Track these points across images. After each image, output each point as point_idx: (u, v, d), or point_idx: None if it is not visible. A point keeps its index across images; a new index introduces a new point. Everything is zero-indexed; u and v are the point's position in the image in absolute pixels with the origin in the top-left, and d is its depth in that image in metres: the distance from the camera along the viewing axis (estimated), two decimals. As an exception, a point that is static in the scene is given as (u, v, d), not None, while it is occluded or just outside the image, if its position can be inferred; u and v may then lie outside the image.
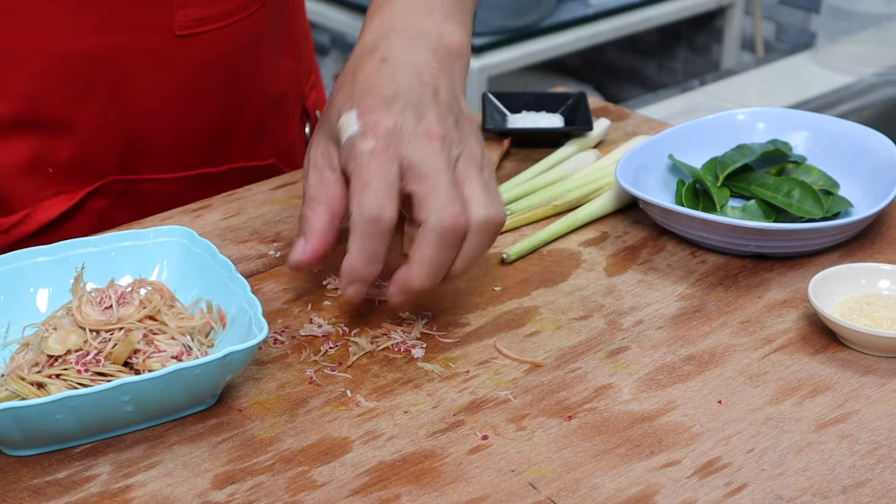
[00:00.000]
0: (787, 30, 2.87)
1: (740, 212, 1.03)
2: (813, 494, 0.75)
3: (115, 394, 0.76)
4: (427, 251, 0.84)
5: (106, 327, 0.82)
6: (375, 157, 0.84)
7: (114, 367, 0.80)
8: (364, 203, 0.83)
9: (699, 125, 1.13)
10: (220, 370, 0.79)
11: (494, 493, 0.75)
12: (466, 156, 0.86)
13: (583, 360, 0.88)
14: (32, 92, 1.04)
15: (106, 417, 0.78)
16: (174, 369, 0.77)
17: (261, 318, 0.81)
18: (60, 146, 1.07)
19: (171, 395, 0.79)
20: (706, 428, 0.81)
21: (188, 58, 1.09)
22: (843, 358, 0.88)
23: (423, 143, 0.84)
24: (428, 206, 0.84)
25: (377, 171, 0.83)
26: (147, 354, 0.82)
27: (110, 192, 1.12)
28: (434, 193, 0.84)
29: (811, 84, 2.35)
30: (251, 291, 0.84)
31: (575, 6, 2.69)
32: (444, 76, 0.89)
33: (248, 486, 0.76)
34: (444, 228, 0.83)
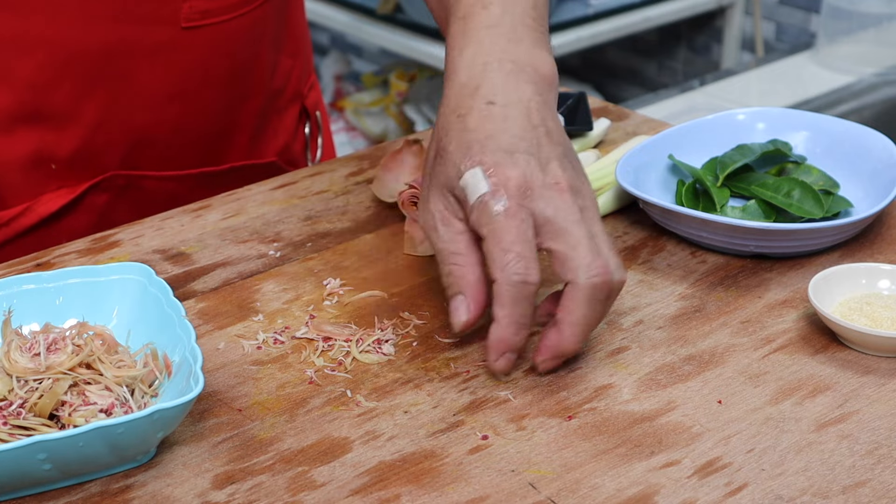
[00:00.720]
0: (787, 30, 2.87)
1: (740, 212, 1.03)
2: (813, 494, 0.75)
3: (31, 451, 0.70)
4: (580, 311, 0.83)
5: (34, 375, 0.77)
6: (512, 218, 0.81)
7: (37, 421, 0.75)
8: (509, 268, 0.81)
9: (699, 125, 1.13)
10: (149, 428, 0.74)
11: (494, 493, 0.75)
12: (590, 205, 0.85)
13: (583, 360, 0.88)
14: (38, 83, 1.04)
15: (22, 475, 0.73)
16: (95, 427, 0.71)
17: (199, 372, 0.76)
18: (64, 140, 1.07)
19: (94, 453, 0.73)
20: (706, 428, 0.81)
21: (193, 52, 1.09)
22: (843, 358, 0.88)
23: (554, 197, 0.83)
24: (573, 264, 0.82)
25: (516, 233, 0.81)
26: (74, 407, 0.76)
27: (111, 187, 1.12)
28: (576, 250, 0.82)
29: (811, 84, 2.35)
30: (195, 340, 0.80)
31: (575, 6, 2.69)
32: (548, 112, 0.87)
33: (248, 486, 0.76)
34: (595, 286, 0.82)
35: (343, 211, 1.08)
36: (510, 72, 0.87)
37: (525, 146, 0.84)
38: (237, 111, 1.16)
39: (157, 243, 1.03)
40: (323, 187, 1.13)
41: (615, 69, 3.23)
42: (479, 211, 0.82)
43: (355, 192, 1.12)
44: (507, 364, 0.84)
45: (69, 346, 0.79)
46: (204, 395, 0.84)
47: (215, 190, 1.15)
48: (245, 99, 1.16)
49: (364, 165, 1.17)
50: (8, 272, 0.99)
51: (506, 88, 0.86)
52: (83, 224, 1.11)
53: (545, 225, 0.82)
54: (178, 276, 0.99)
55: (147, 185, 1.14)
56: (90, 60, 1.04)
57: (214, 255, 1.01)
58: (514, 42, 0.89)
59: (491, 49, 0.88)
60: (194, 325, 0.92)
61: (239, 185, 1.14)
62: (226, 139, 1.17)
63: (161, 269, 0.99)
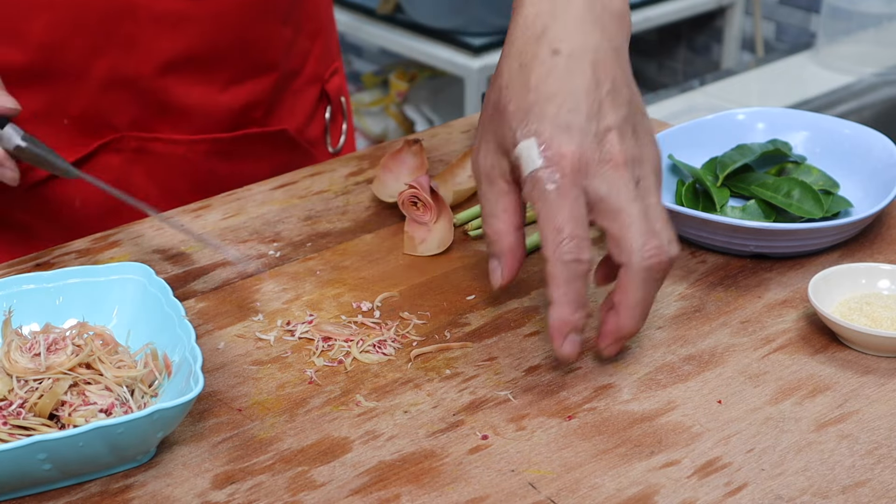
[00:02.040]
0: (787, 30, 2.87)
1: (740, 212, 1.03)
2: (813, 494, 0.75)
3: (31, 451, 0.70)
4: (636, 293, 0.82)
5: (34, 376, 0.77)
6: (564, 196, 0.81)
7: (37, 421, 0.75)
8: (562, 248, 0.80)
9: (699, 125, 1.13)
10: (148, 428, 0.74)
11: (494, 493, 0.75)
12: (648, 173, 0.83)
13: (583, 360, 0.88)
14: (49, 42, 1.06)
15: (22, 475, 0.72)
16: (95, 427, 0.71)
17: (198, 372, 0.76)
18: (74, 98, 1.10)
19: (94, 453, 0.73)
20: (706, 428, 0.81)
21: (203, 22, 1.11)
22: (842, 358, 0.88)
23: (609, 173, 0.81)
24: (627, 245, 0.81)
25: (569, 212, 0.81)
26: (74, 407, 0.76)
27: (124, 148, 1.14)
28: (630, 230, 0.81)
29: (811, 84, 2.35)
30: (195, 340, 0.80)
31: (575, 6, 2.68)
32: (614, 62, 0.84)
33: (248, 486, 0.76)
34: (650, 268, 0.81)
35: (343, 211, 1.08)
36: (579, 10, 0.84)
37: (584, 117, 0.82)
38: (248, 85, 1.17)
39: (157, 243, 1.03)
40: (323, 187, 1.13)
41: (615, 69, 3.22)
42: (531, 185, 0.82)
43: (355, 192, 1.12)
44: (573, 348, 0.83)
45: (69, 347, 0.79)
46: (204, 395, 0.84)
47: (227, 159, 1.17)
48: (256, 74, 1.17)
49: (364, 165, 1.17)
50: (8, 272, 0.99)
51: (573, 33, 0.84)
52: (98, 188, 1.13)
53: (599, 203, 0.82)
54: (178, 276, 0.99)
55: (158, 149, 1.15)
56: (97, 22, 1.07)
57: (214, 255, 1.01)
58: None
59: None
60: (194, 325, 0.92)
61: (252, 155, 1.16)
62: (237, 112, 1.18)
63: (161, 269, 0.99)
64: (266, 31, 1.16)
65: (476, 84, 2.49)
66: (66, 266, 0.99)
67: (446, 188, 1.08)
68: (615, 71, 0.84)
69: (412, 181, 1.02)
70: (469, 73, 2.51)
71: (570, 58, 0.83)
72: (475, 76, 2.50)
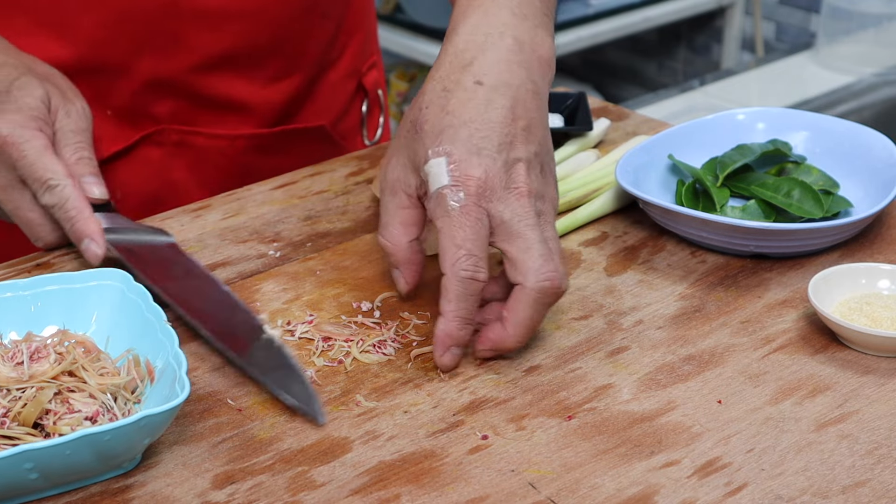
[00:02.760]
0: (787, 30, 2.87)
1: (740, 212, 1.03)
2: (813, 494, 0.75)
3: (17, 461, 0.70)
4: (525, 312, 0.84)
5: (17, 385, 0.76)
6: (468, 215, 0.83)
7: (21, 430, 0.74)
8: (460, 265, 0.83)
9: (699, 125, 1.13)
10: (135, 434, 0.73)
11: (494, 493, 0.75)
12: (548, 210, 0.86)
13: (583, 360, 0.88)
14: (96, 38, 1.09)
15: (9, 485, 0.72)
16: (81, 434, 0.70)
17: (184, 378, 0.76)
18: (117, 90, 1.12)
19: (80, 461, 0.72)
20: (706, 428, 0.81)
21: (245, 19, 1.12)
22: (842, 358, 0.88)
23: (512, 200, 0.84)
24: (524, 267, 0.84)
25: (470, 230, 0.83)
26: (59, 416, 0.75)
27: (165, 141, 1.16)
28: (528, 254, 0.84)
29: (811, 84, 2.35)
30: (178, 346, 0.79)
31: (575, 6, 2.69)
32: (534, 101, 0.87)
33: (248, 486, 0.76)
34: (544, 290, 0.84)
35: (343, 211, 1.08)
36: (508, 49, 0.88)
37: (495, 145, 0.85)
38: (288, 80, 1.19)
39: (157, 243, 1.03)
40: (323, 187, 1.13)
41: (615, 69, 3.23)
42: (436, 202, 0.84)
43: (355, 192, 1.12)
44: (453, 360, 0.86)
45: (52, 355, 0.78)
46: (204, 394, 0.84)
47: (265, 154, 1.19)
48: (296, 69, 1.19)
49: (364, 165, 1.17)
50: (8, 272, 0.99)
51: (498, 69, 0.87)
52: (140, 177, 1.16)
53: (500, 226, 0.84)
54: (178, 276, 0.99)
55: (199, 143, 1.17)
56: (142, 20, 1.09)
57: (214, 255, 1.01)
58: (518, 17, 0.90)
59: (494, 20, 0.89)
60: (194, 325, 0.92)
61: (289, 150, 1.18)
62: (278, 108, 1.20)
63: (161, 269, 0.99)
64: (306, 26, 1.18)
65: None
66: (66, 266, 0.99)
67: (446, 188, 1.08)
68: (533, 111, 0.87)
69: (412, 181, 1.02)
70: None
71: (492, 90, 0.86)
72: (475, 76, 2.49)
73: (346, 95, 1.26)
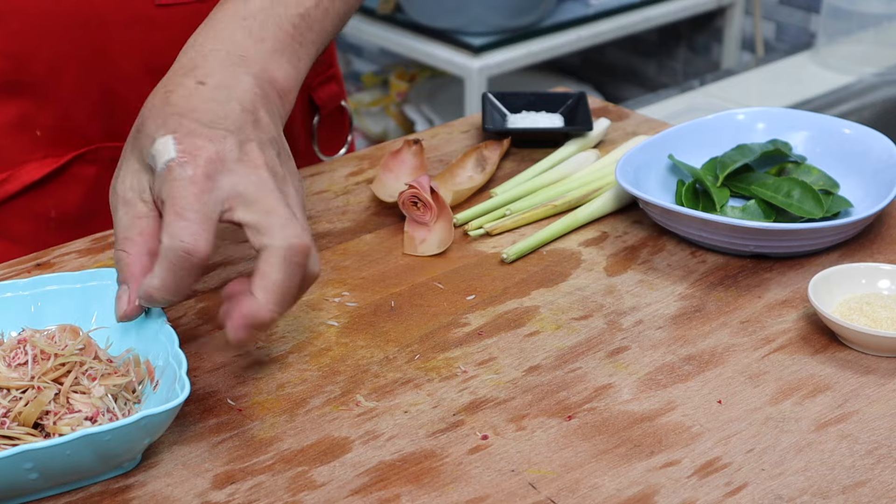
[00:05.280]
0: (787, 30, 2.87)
1: (740, 212, 1.03)
2: (813, 494, 0.75)
3: (17, 461, 0.70)
4: (276, 275, 0.78)
5: (17, 384, 0.76)
6: (194, 184, 0.78)
7: (21, 430, 0.74)
8: (177, 234, 0.77)
9: (699, 125, 1.13)
10: (136, 434, 0.73)
11: (494, 493, 0.75)
12: (290, 190, 0.81)
13: (583, 360, 0.88)
14: (15, 51, 1.05)
15: (8, 484, 0.72)
16: (81, 435, 0.70)
17: (184, 377, 0.76)
18: (45, 109, 1.08)
19: (80, 461, 0.72)
20: (706, 428, 0.81)
21: (170, 29, 1.09)
22: (842, 358, 0.88)
23: (247, 171, 0.79)
24: (268, 228, 0.78)
25: (194, 199, 0.77)
26: (59, 416, 0.75)
27: (99, 159, 1.12)
28: (271, 216, 0.78)
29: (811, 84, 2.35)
30: (178, 346, 0.79)
31: (575, 6, 2.69)
32: (265, 105, 0.84)
33: (248, 486, 0.76)
34: (292, 247, 0.78)
35: (343, 211, 1.08)
36: (234, 62, 0.85)
37: (226, 124, 0.80)
38: None
39: (157, 243, 1.03)
40: (323, 187, 1.13)
41: (615, 69, 3.23)
42: (162, 177, 0.79)
43: (355, 192, 1.12)
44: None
45: (52, 357, 0.78)
46: (204, 394, 0.84)
47: None
48: None
49: (364, 165, 1.17)
50: (8, 272, 0.99)
51: (221, 73, 0.83)
52: (74, 196, 1.12)
53: (237, 198, 0.79)
54: (178, 276, 0.98)
55: None
56: (64, 31, 1.05)
57: (214, 255, 1.01)
58: (255, 40, 0.87)
59: (225, 39, 0.86)
60: (194, 325, 0.92)
61: None
62: None
63: (161, 269, 0.99)
64: None
65: (476, 84, 2.49)
66: (67, 265, 0.99)
67: (446, 188, 1.08)
68: (263, 111, 0.83)
69: (412, 181, 1.02)
70: (469, 73, 2.51)
71: (215, 88, 0.83)
72: (475, 76, 2.50)
73: (294, 111, 1.21)
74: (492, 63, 2.52)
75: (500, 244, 1.02)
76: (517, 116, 1.22)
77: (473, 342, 0.90)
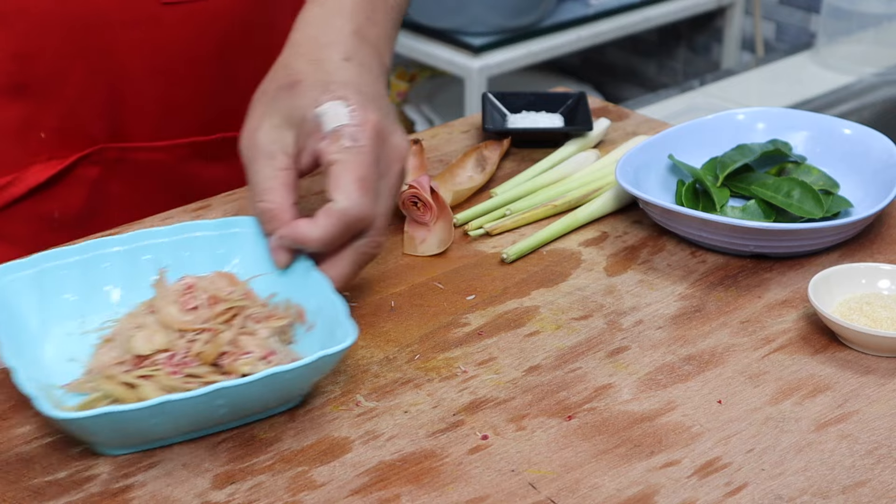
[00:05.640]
0: (787, 30, 2.87)
1: (740, 212, 1.03)
2: (813, 494, 0.75)
3: (211, 398, 0.76)
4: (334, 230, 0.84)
5: (192, 327, 0.81)
6: (367, 155, 0.85)
7: (203, 369, 0.80)
8: (353, 198, 0.83)
9: (699, 125, 1.13)
10: (312, 373, 0.79)
11: (494, 493, 0.75)
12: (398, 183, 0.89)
13: (583, 360, 0.88)
14: (20, 53, 1.05)
15: (199, 419, 0.78)
16: (269, 373, 0.76)
17: (348, 319, 0.80)
18: (49, 110, 1.08)
19: (264, 397, 0.79)
20: (706, 428, 0.81)
21: (176, 29, 1.09)
22: (842, 358, 0.88)
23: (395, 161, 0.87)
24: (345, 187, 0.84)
25: (369, 168, 0.84)
26: (235, 356, 0.80)
27: (102, 160, 1.12)
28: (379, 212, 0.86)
29: (811, 84, 2.35)
30: (333, 290, 0.84)
31: (575, 6, 2.69)
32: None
33: (248, 486, 0.76)
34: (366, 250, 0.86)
35: (343, 211, 1.08)
36: (363, 44, 0.91)
37: (382, 103, 0.88)
38: (224, 88, 1.16)
39: (157, 243, 1.03)
40: (323, 187, 1.12)
41: (615, 69, 3.22)
42: (334, 139, 0.85)
43: (355, 192, 1.11)
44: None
45: (220, 300, 0.83)
46: (204, 395, 0.84)
47: (207, 162, 1.15)
48: (232, 78, 1.16)
49: (364, 165, 1.17)
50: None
51: (360, 54, 0.90)
52: (76, 197, 1.12)
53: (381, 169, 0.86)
54: (178, 276, 0.98)
55: (138, 158, 1.14)
56: (69, 31, 1.05)
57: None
58: (372, 24, 0.93)
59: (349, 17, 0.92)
60: (194, 325, 0.92)
61: (231, 157, 1.15)
62: (215, 114, 1.17)
63: (161, 269, 0.99)
64: (245, 39, 1.15)
65: (476, 84, 2.49)
66: (66, 266, 0.99)
67: (446, 188, 1.08)
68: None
69: (412, 181, 1.02)
70: (469, 73, 2.50)
71: (361, 66, 0.90)
72: (475, 76, 2.49)
73: None
74: (492, 63, 2.51)
75: (500, 244, 1.02)
76: (517, 116, 1.22)
77: (473, 342, 0.90)
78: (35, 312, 0.85)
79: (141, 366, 0.79)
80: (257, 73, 1.18)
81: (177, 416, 0.76)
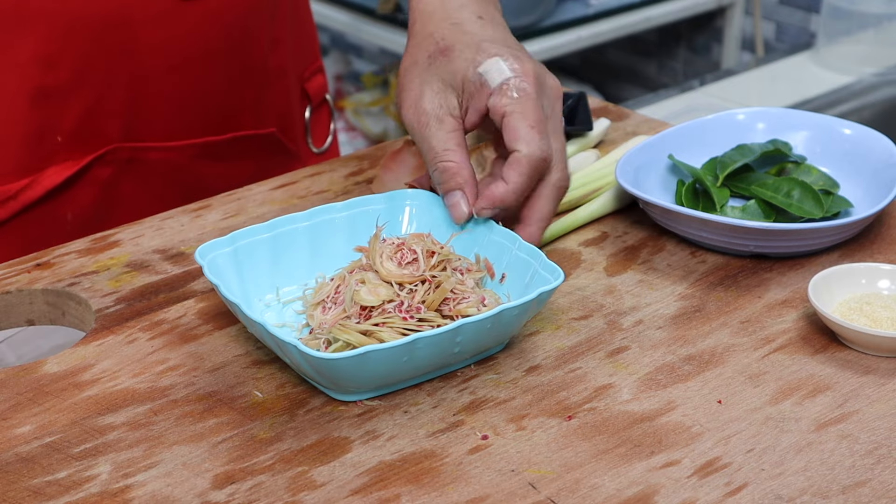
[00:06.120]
0: (787, 30, 2.87)
1: (740, 212, 1.03)
2: (813, 494, 0.75)
3: (453, 334, 0.81)
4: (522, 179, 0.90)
5: (410, 279, 0.86)
6: (536, 101, 0.90)
7: (431, 314, 0.85)
8: (534, 143, 0.89)
9: (699, 125, 1.13)
10: (529, 311, 0.84)
11: (494, 493, 0.75)
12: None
13: (583, 360, 0.88)
14: (44, 56, 1.06)
15: (439, 357, 0.82)
16: (501, 309, 0.81)
17: (551, 264, 0.86)
18: (68, 112, 1.09)
19: (493, 333, 0.83)
20: (706, 428, 0.81)
21: (191, 23, 1.10)
22: (842, 358, 0.88)
23: (554, 100, 0.92)
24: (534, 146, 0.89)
25: (541, 114, 0.90)
26: (457, 301, 0.86)
27: (115, 160, 1.13)
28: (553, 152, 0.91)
29: (811, 84, 2.34)
30: (522, 243, 0.89)
31: (575, 6, 2.69)
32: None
33: (248, 486, 0.76)
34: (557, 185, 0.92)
35: (343, 211, 1.08)
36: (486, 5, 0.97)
37: (525, 53, 0.93)
38: (236, 85, 1.17)
39: (157, 243, 1.03)
40: (323, 187, 1.13)
41: (615, 69, 3.23)
42: (502, 92, 0.90)
43: (355, 192, 1.12)
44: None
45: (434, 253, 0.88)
46: (204, 395, 0.84)
47: (217, 161, 1.16)
48: (243, 74, 1.17)
49: (364, 165, 1.17)
50: (7, 272, 0.99)
51: (488, 10, 0.96)
52: (88, 197, 1.13)
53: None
54: (177, 276, 0.99)
55: (150, 157, 1.15)
56: (90, 32, 1.06)
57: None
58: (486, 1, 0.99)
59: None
60: (194, 324, 0.92)
61: (241, 156, 1.16)
62: (227, 111, 1.18)
63: (161, 268, 0.99)
64: (250, 31, 1.16)
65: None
66: (66, 265, 0.99)
67: (446, 188, 1.08)
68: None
69: (412, 181, 1.02)
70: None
71: (492, 22, 0.96)
72: (475, 76, 2.49)
73: (292, 102, 1.25)
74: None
75: (500, 244, 1.02)
76: (517, 116, 1.22)
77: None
78: (237, 285, 0.90)
79: (371, 317, 0.85)
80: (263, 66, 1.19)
81: (423, 354, 0.81)
